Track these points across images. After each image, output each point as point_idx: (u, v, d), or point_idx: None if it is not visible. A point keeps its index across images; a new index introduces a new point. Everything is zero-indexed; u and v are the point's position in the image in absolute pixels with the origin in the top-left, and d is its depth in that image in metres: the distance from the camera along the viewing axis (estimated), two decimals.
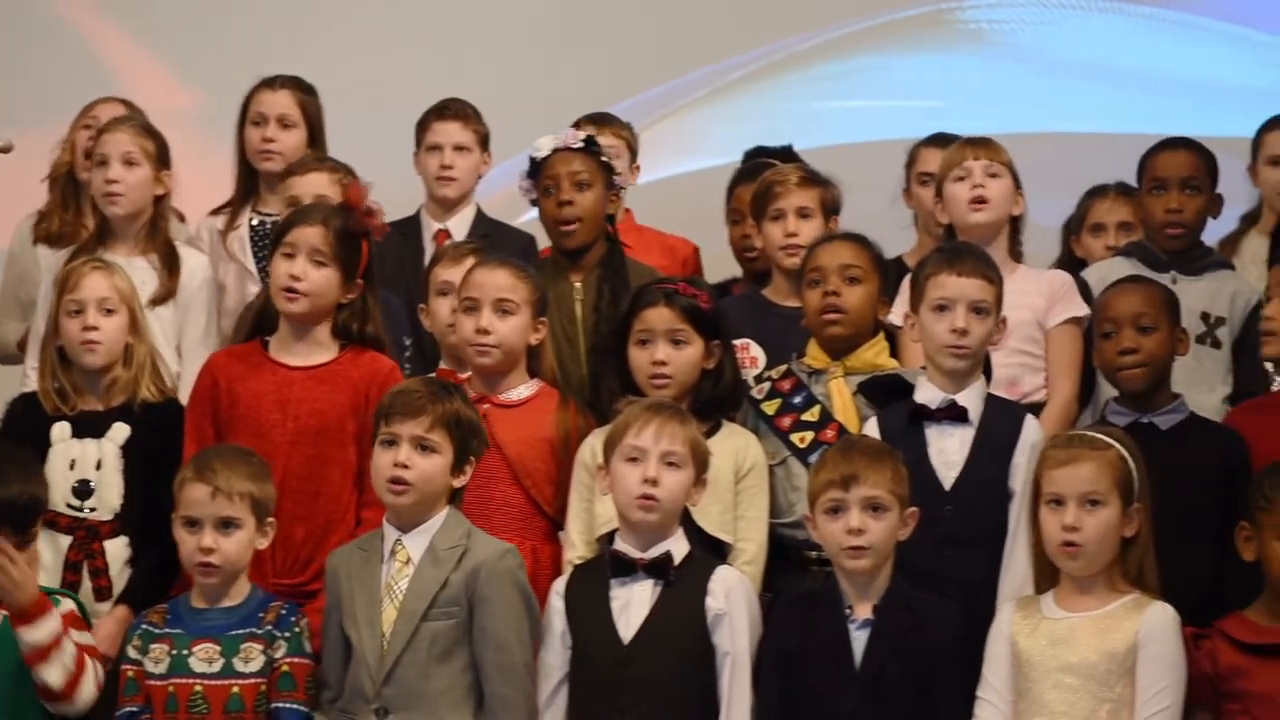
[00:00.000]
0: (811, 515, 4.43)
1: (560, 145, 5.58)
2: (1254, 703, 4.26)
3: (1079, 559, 4.28)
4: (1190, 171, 5.48)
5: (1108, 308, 4.89)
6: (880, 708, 4.30)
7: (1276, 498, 4.31)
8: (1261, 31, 7.50)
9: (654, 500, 4.43)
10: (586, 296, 5.50)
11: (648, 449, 4.45)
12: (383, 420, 4.49)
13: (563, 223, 5.53)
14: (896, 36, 7.72)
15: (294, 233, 4.92)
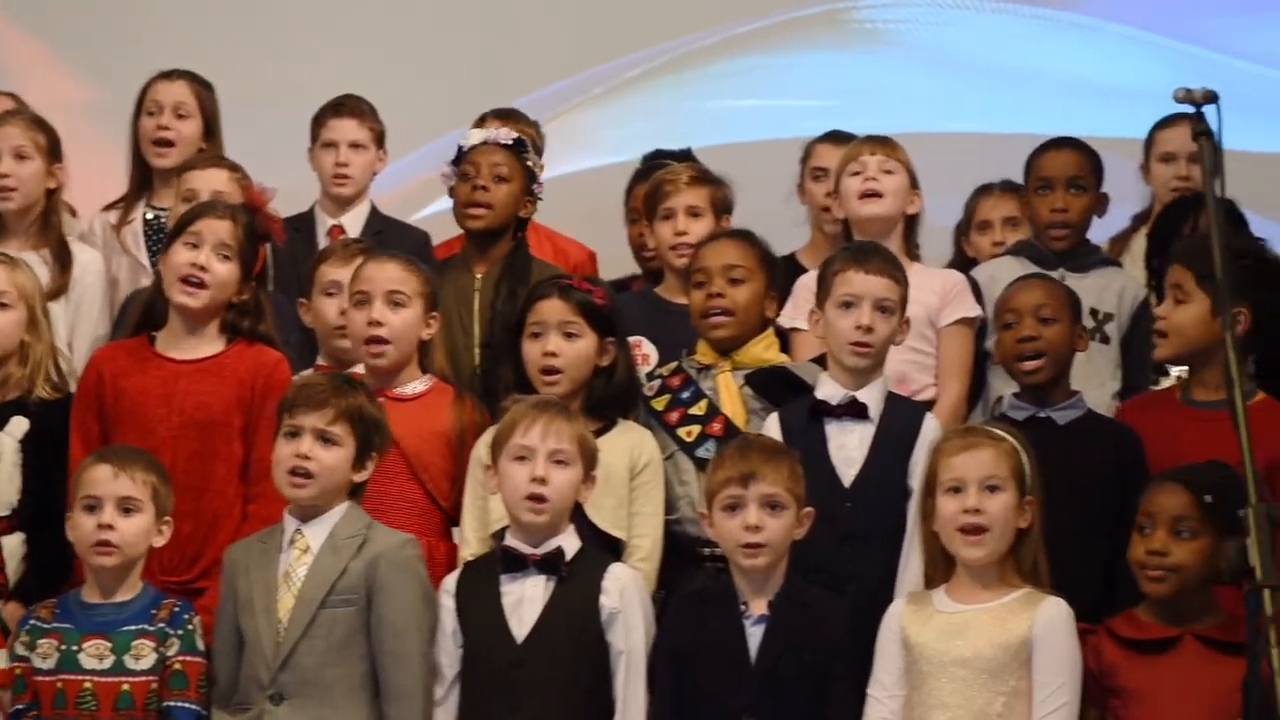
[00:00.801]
0: (708, 512, 4.44)
1: (490, 139, 5.60)
2: (1132, 699, 4.31)
3: (981, 545, 4.30)
4: (1076, 171, 5.53)
5: (1010, 300, 4.93)
6: (775, 704, 4.31)
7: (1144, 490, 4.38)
8: (1151, 32, 7.59)
9: (543, 499, 4.43)
10: (485, 289, 5.50)
11: (535, 447, 4.45)
12: (285, 413, 4.48)
13: (471, 205, 5.54)
14: (793, 35, 7.74)
15: (201, 224, 4.90)
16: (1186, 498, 4.29)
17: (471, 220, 5.56)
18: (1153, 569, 4.32)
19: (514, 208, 5.59)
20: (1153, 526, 4.34)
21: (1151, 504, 4.36)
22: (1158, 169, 6.05)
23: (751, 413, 4.93)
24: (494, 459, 4.52)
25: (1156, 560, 4.31)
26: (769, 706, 4.31)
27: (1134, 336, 5.44)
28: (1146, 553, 4.33)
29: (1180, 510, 4.30)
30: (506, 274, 5.49)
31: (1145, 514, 4.36)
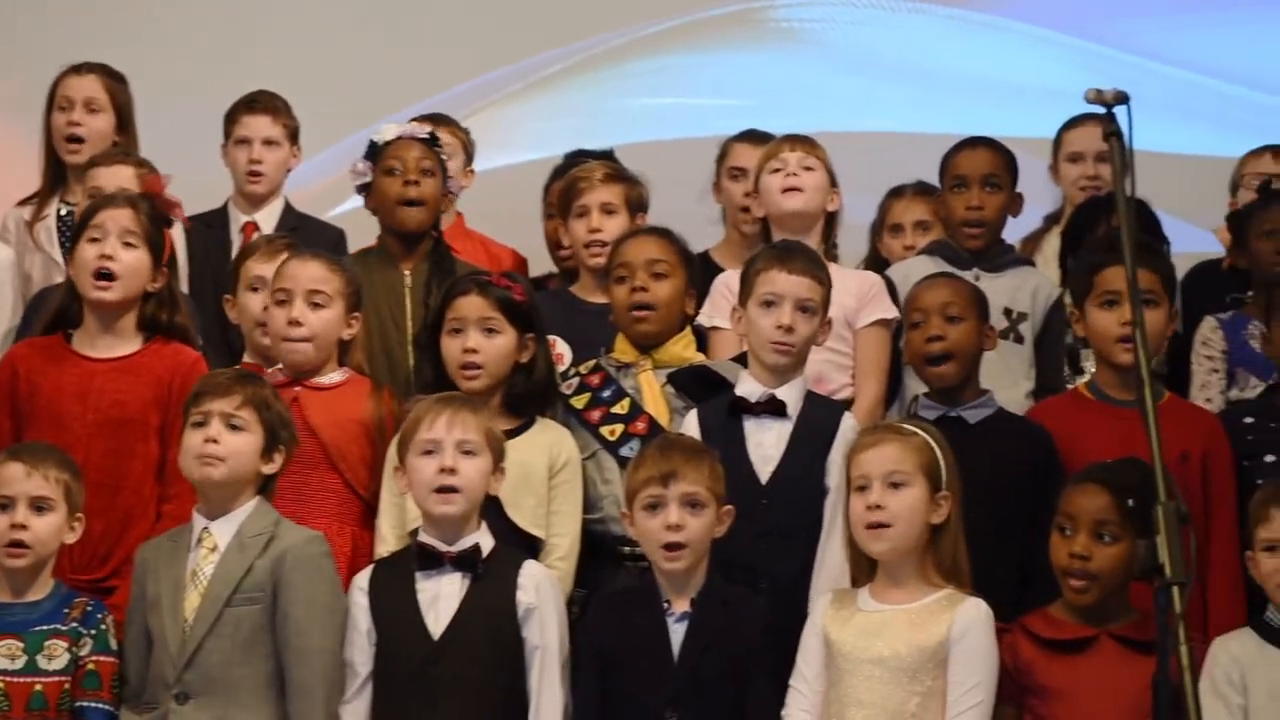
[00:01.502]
0: (629, 511, 4.45)
1: (406, 134, 5.57)
2: (1050, 697, 4.33)
3: (883, 540, 4.31)
4: (991, 170, 5.54)
5: (917, 299, 4.96)
6: (697, 701, 4.32)
7: (1063, 489, 4.40)
8: (1062, 33, 7.64)
9: (453, 490, 4.43)
10: (415, 286, 5.48)
11: (441, 440, 4.45)
12: (191, 405, 4.48)
13: (408, 202, 5.51)
14: (709, 34, 7.75)
15: (102, 215, 4.89)
16: (1108, 499, 4.31)
17: (409, 219, 5.53)
18: (1076, 575, 4.34)
19: (438, 202, 5.59)
20: (1074, 529, 4.36)
21: (1072, 505, 4.38)
22: (1066, 169, 6.12)
23: (674, 411, 4.94)
24: (401, 458, 4.52)
25: (1080, 565, 4.33)
26: (691, 703, 4.33)
27: (1047, 336, 5.47)
28: (1070, 556, 4.35)
29: (1102, 513, 4.32)
30: (436, 272, 5.47)
31: (1066, 515, 4.38)
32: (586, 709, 4.41)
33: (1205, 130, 7.36)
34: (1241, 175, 6.09)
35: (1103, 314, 4.85)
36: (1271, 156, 6.05)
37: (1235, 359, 5.39)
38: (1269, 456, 4.84)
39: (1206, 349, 5.43)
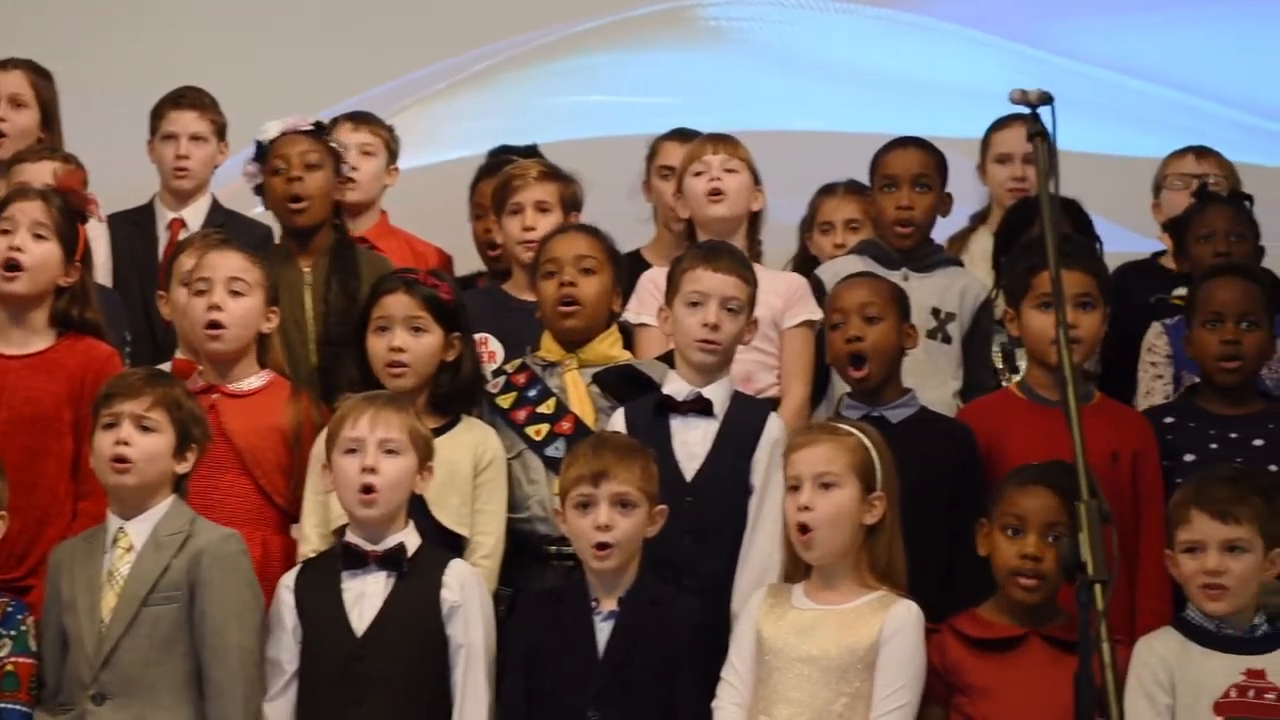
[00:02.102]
0: (561, 510, 4.45)
1: (289, 128, 5.52)
2: (978, 696, 4.34)
3: (811, 548, 4.32)
4: (921, 169, 5.55)
5: (837, 299, 4.96)
6: (622, 700, 4.33)
7: (1006, 490, 4.41)
8: (989, 34, 7.68)
9: (373, 489, 4.42)
10: (315, 283, 5.44)
11: (364, 438, 4.44)
12: (102, 405, 4.45)
13: (292, 199, 5.46)
14: (637, 32, 7.75)
15: (12, 208, 4.87)
16: (1057, 500, 4.31)
17: (296, 216, 5.48)
18: (1027, 575, 4.34)
19: (330, 194, 5.52)
20: (1024, 530, 4.36)
21: (1019, 506, 4.37)
22: (994, 170, 6.13)
23: (600, 410, 4.93)
24: (327, 456, 4.52)
25: (1031, 566, 4.33)
26: (615, 702, 4.33)
27: (975, 336, 5.49)
28: (1020, 557, 4.35)
29: (1052, 514, 4.31)
30: (336, 268, 5.42)
31: (1014, 516, 4.37)
32: (513, 707, 4.40)
33: (1130, 131, 7.41)
34: (1164, 176, 6.13)
35: (1040, 315, 4.86)
36: (1194, 157, 6.10)
37: (1180, 362, 5.41)
38: (1188, 456, 4.87)
39: (1151, 355, 5.46)
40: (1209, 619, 4.32)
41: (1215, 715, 4.24)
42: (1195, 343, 4.99)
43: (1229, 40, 7.55)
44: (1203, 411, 4.97)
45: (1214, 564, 4.28)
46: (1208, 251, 5.52)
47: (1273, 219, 5.67)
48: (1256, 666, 4.27)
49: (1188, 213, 5.67)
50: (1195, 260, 5.53)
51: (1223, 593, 4.28)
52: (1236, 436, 4.91)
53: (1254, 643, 4.31)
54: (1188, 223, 5.61)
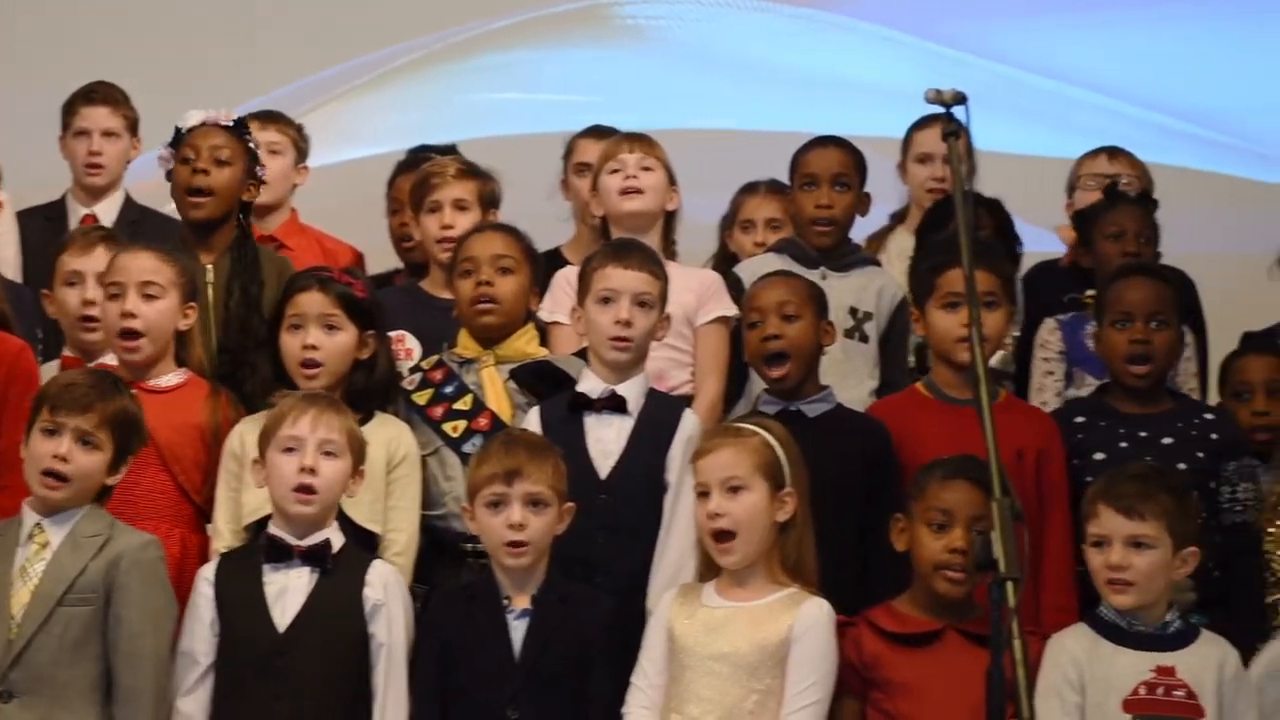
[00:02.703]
0: (470, 507, 4.44)
1: (209, 120, 5.47)
2: (896, 691, 4.35)
3: (730, 554, 4.33)
4: (840, 169, 5.56)
5: (754, 298, 4.97)
6: (538, 697, 4.33)
7: (928, 486, 4.41)
8: (908, 34, 7.72)
9: (311, 490, 4.40)
10: (217, 282, 5.37)
11: (304, 438, 4.43)
12: (45, 407, 4.41)
13: (192, 192, 5.40)
14: (556, 30, 7.75)
15: None
16: (980, 494, 4.30)
17: (193, 209, 5.39)
18: (955, 569, 4.35)
19: (236, 192, 5.43)
20: (950, 524, 4.37)
21: (944, 500, 4.38)
22: (914, 169, 6.16)
23: (516, 407, 4.92)
24: (261, 451, 4.49)
25: (960, 560, 4.34)
26: (532, 701, 4.33)
27: (892, 335, 5.50)
28: (949, 551, 4.36)
29: (978, 509, 4.31)
30: (238, 271, 5.34)
31: (940, 511, 4.38)
32: (427, 704, 4.39)
33: (1045, 131, 7.46)
34: (1078, 176, 6.16)
35: (944, 315, 4.88)
36: (1107, 158, 6.13)
37: (1073, 359, 5.45)
38: (1099, 454, 4.89)
39: (1044, 350, 5.50)
40: (1121, 616, 4.34)
41: (1124, 712, 4.27)
42: (1105, 342, 5.02)
43: (1143, 42, 7.62)
44: (1113, 411, 5.00)
45: (1117, 559, 4.31)
46: (1116, 250, 5.55)
47: (1185, 219, 5.72)
48: (1167, 663, 4.30)
49: (1096, 209, 5.70)
50: (1102, 258, 5.56)
51: (1127, 588, 4.31)
52: (1146, 435, 4.94)
53: (1165, 640, 4.34)
54: (1096, 219, 5.64)
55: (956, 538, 4.35)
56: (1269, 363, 5.32)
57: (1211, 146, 7.54)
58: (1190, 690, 4.28)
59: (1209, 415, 5.02)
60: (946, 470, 4.42)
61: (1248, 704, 4.32)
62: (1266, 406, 5.25)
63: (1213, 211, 7.01)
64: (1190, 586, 4.67)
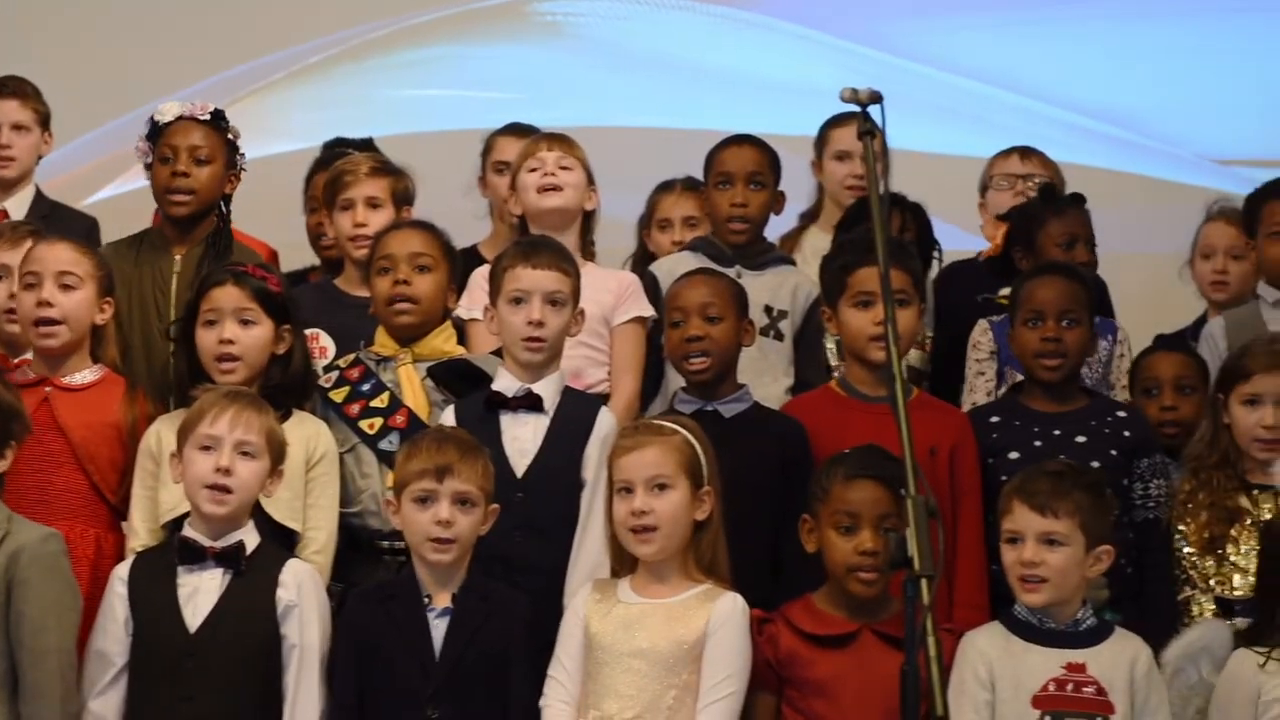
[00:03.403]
0: (395, 501, 4.43)
1: (186, 114, 5.43)
2: (811, 690, 4.37)
3: (651, 544, 4.34)
4: (755, 167, 5.57)
5: (677, 297, 4.97)
6: (459, 696, 4.32)
7: (831, 487, 4.42)
8: (825, 33, 7.74)
9: (226, 490, 4.38)
10: (185, 272, 5.36)
11: (222, 437, 4.41)
12: None
13: (173, 192, 5.38)
14: (475, 26, 7.74)
15: None
16: (885, 492, 4.35)
17: (176, 207, 5.38)
18: (867, 570, 4.37)
19: (218, 189, 5.44)
20: (857, 526, 4.38)
21: (849, 502, 4.39)
22: (832, 167, 6.15)
23: (434, 405, 4.92)
24: (179, 447, 4.47)
25: (870, 561, 4.35)
26: (453, 699, 4.32)
27: (806, 333, 5.52)
28: (858, 553, 4.36)
29: (884, 507, 4.34)
30: (210, 258, 5.34)
31: (846, 513, 4.39)
32: (345, 704, 4.37)
33: (960, 130, 7.50)
34: (990, 176, 6.19)
35: (856, 313, 4.91)
36: (1019, 157, 6.15)
37: (1004, 358, 5.48)
38: (1013, 453, 4.92)
39: (976, 351, 5.52)
40: (1033, 614, 4.37)
41: (1034, 708, 4.30)
42: (1017, 340, 5.05)
43: (1058, 42, 7.67)
44: (1026, 409, 5.03)
45: (1030, 555, 4.34)
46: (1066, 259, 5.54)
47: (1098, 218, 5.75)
48: (1077, 660, 4.33)
49: (1038, 212, 5.71)
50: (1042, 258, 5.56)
51: (1039, 585, 4.33)
52: (1060, 433, 4.97)
53: (1077, 637, 4.37)
54: (1043, 223, 5.65)
55: (865, 539, 4.37)
56: (1178, 360, 5.37)
57: (1125, 146, 7.61)
58: (1100, 687, 4.31)
59: (1122, 413, 5.05)
60: (849, 470, 4.43)
61: (1160, 700, 4.36)
62: (1174, 402, 5.30)
63: (1125, 211, 7.06)
64: (1104, 584, 4.70)
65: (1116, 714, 4.30)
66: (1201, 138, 7.58)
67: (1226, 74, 7.55)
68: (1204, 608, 4.77)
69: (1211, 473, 4.87)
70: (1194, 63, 7.57)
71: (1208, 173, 7.48)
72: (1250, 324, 5.60)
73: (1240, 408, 4.87)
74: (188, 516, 4.49)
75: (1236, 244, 5.92)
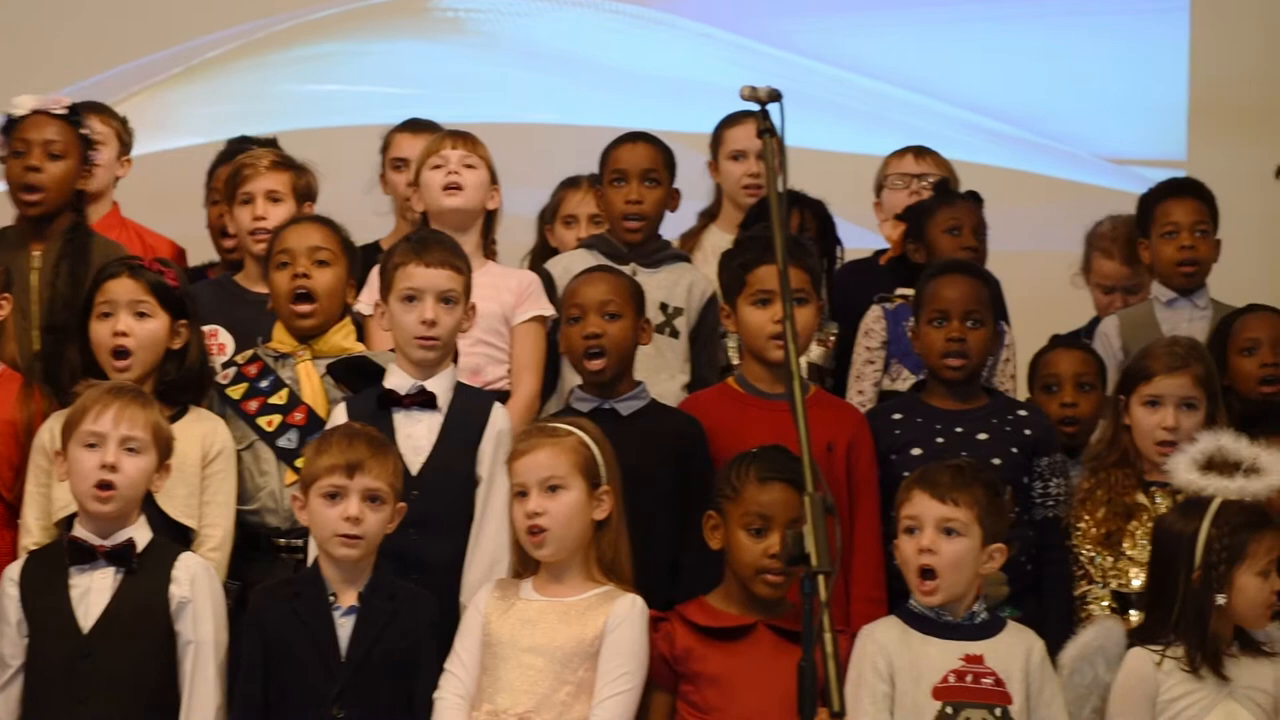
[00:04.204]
0: (303, 496, 4.41)
1: (40, 107, 5.37)
2: (705, 683, 4.38)
3: (544, 546, 4.35)
4: (649, 164, 5.57)
5: (575, 294, 4.97)
6: (365, 694, 4.31)
7: (744, 488, 4.43)
8: (724, 30, 7.76)
9: (111, 487, 4.35)
10: (44, 268, 5.30)
11: (106, 434, 4.38)
12: None
13: (25, 189, 5.31)
14: (376, 21, 7.72)
15: None
16: (796, 495, 4.33)
17: (28, 207, 5.33)
18: (775, 573, 4.37)
19: (71, 184, 5.37)
20: (768, 529, 4.39)
21: (761, 505, 4.40)
22: (728, 166, 6.14)
23: (333, 402, 4.90)
24: (64, 444, 4.43)
25: (780, 564, 4.34)
26: (359, 697, 4.31)
27: (702, 330, 5.54)
28: (769, 556, 4.37)
29: (795, 510, 4.31)
30: (67, 253, 5.28)
31: (758, 516, 4.40)
32: (249, 702, 4.36)
33: (859, 129, 7.55)
34: (885, 175, 6.21)
35: (755, 311, 4.92)
36: (913, 157, 6.19)
37: (893, 349, 5.52)
38: (915, 450, 4.95)
39: (868, 339, 5.57)
40: (930, 607, 4.40)
41: (934, 700, 4.33)
42: (922, 339, 5.08)
43: (956, 41, 7.72)
44: (929, 407, 5.06)
45: (928, 541, 4.36)
46: (953, 245, 5.62)
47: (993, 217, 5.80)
48: (975, 652, 4.37)
49: (930, 205, 5.76)
50: (938, 253, 5.61)
51: (934, 586, 4.36)
52: (961, 431, 5.00)
53: (973, 629, 4.40)
54: (931, 215, 5.71)
55: (775, 542, 4.37)
56: (1077, 357, 5.43)
57: (1022, 145, 7.67)
58: (998, 678, 4.35)
59: (1022, 412, 5.09)
60: (763, 472, 4.43)
61: (1054, 692, 4.40)
62: (1074, 399, 5.35)
63: (1022, 210, 7.13)
64: (1003, 580, 4.74)
65: (1014, 704, 4.34)
66: (1097, 138, 7.66)
67: (1122, 75, 7.63)
68: (1101, 602, 4.82)
69: (1110, 471, 4.92)
70: (1090, 63, 7.64)
71: (1103, 172, 7.56)
72: (1144, 323, 5.67)
73: (1141, 409, 4.92)
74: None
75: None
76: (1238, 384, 5.26)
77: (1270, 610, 4.46)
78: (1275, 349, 5.28)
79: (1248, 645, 4.43)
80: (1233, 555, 4.37)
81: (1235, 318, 5.38)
